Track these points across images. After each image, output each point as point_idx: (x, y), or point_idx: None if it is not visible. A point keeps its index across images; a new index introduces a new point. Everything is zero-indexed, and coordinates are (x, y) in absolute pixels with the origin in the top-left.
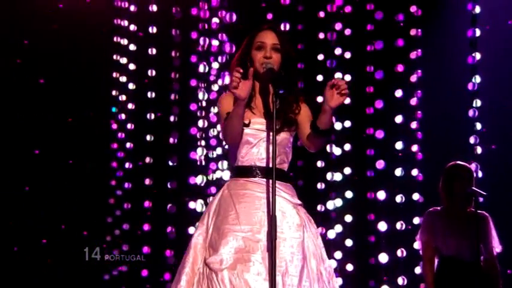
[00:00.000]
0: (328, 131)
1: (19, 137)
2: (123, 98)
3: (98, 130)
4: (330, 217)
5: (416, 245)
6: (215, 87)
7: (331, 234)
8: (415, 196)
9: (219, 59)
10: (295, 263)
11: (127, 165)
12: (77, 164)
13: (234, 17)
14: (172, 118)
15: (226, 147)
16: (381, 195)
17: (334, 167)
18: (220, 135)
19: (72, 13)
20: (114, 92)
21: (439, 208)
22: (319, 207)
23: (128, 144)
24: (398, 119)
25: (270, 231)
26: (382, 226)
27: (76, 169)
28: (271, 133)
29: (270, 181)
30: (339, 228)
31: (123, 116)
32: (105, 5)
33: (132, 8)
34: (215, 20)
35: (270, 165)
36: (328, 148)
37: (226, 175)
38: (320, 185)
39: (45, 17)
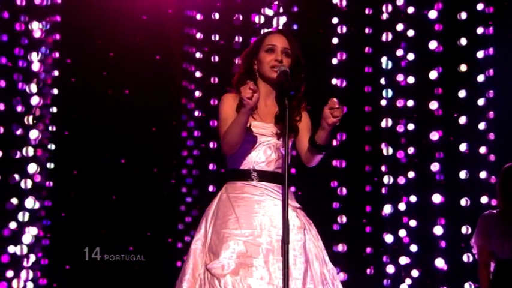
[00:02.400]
0: (325, 147)
1: (106, 147)
2: (191, 105)
3: (175, 138)
4: (394, 221)
5: None
6: None
7: (397, 238)
8: (484, 199)
9: None
10: (298, 265)
11: (194, 172)
12: (161, 172)
13: (284, 20)
14: None
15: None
16: (437, 198)
17: (399, 171)
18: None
19: (155, 24)
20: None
21: (494, 211)
22: (383, 212)
23: (195, 151)
24: (462, 120)
25: (283, 237)
26: (439, 230)
27: (160, 177)
28: (270, 138)
29: (268, 184)
30: (403, 232)
31: (191, 124)
32: (183, 15)
33: (199, 16)
34: (275, 26)
35: (269, 169)
36: (385, 151)
37: None
38: (384, 190)
39: (130, 29)
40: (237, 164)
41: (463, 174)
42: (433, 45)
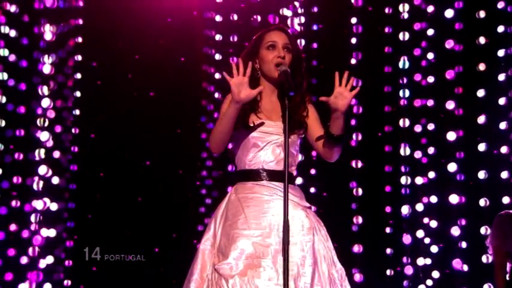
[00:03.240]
0: (343, 136)
1: (131, 149)
2: (211, 107)
3: (198, 140)
4: (413, 222)
5: None
6: None
7: (415, 239)
8: (505, 200)
9: None
10: (307, 266)
11: (214, 173)
12: (186, 174)
13: (302, 20)
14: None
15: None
16: (454, 198)
17: (416, 172)
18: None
19: (180, 26)
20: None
21: (511, 211)
22: (401, 213)
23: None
24: (481, 119)
25: (283, 237)
26: (458, 231)
27: (185, 179)
28: (278, 136)
29: (278, 184)
30: (422, 233)
31: (211, 126)
32: (203, 17)
33: (218, 18)
34: (296, 26)
35: (278, 169)
36: (402, 151)
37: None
38: (404, 190)
39: (155, 31)
40: (246, 165)
41: (482, 175)
42: (453, 44)
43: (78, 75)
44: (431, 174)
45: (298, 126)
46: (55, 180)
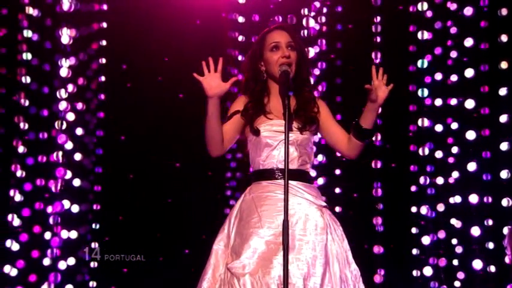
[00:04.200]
0: (373, 131)
1: (161, 151)
2: None
3: None
4: (439, 222)
5: None
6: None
7: (437, 240)
8: None
9: (319, 65)
10: (318, 266)
11: (238, 174)
12: (216, 176)
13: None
14: None
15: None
16: (474, 198)
17: (437, 171)
18: None
19: (209, 29)
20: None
21: None
22: (422, 213)
23: (238, 154)
24: (503, 118)
25: (283, 238)
26: (476, 231)
27: (214, 180)
28: (291, 134)
29: (292, 182)
30: (443, 234)
31: None
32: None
33: (240, 19)
34: (315, 26)
35: (292, 167)
36: (421, 151)
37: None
38: (430, 190)
39: (184, 34)
40: (260, 165)
41: (504, 174)
42: (472, 42)
43: (103, 78)
44: (455, 174)
45: (310, 123)
46: (76, 182)
